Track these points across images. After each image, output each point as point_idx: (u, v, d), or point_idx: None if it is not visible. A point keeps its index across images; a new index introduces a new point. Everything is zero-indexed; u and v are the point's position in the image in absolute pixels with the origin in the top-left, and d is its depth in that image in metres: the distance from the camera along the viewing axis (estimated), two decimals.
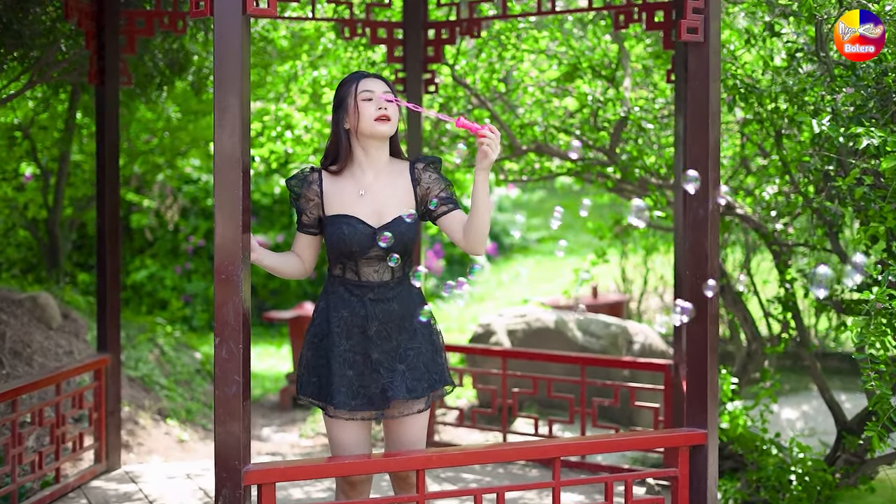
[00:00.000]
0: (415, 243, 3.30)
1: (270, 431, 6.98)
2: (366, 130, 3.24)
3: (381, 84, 3.28)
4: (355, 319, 3.23)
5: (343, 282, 3.28)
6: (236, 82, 2.93)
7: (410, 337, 3.26)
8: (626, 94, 5.39)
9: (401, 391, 3.19)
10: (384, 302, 3.24)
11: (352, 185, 3.29)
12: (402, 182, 3.30)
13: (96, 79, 4.89)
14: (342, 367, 3.21)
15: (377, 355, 3.22)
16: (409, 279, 3.30)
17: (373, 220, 3.24)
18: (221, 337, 2.95)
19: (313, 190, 3.29)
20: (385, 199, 3.26)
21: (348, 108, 3.25)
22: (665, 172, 5.62)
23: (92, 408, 4.93)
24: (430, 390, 3.27)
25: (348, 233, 3.20)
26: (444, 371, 3.32)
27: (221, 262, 2.94)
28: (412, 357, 3.23)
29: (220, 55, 2.93)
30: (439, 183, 3.30)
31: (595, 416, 5.06)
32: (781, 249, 5.48)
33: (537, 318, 6.89)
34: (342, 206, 3.26)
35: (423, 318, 3.24)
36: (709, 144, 3.43)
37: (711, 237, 3.46)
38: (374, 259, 3.24)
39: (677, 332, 4.73)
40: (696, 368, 3.47)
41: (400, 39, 5.30)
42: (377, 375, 3.21)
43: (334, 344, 3.23)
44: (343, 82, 3.32)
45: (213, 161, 2.96)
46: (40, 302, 6.44)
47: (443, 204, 3.28)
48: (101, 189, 4.95)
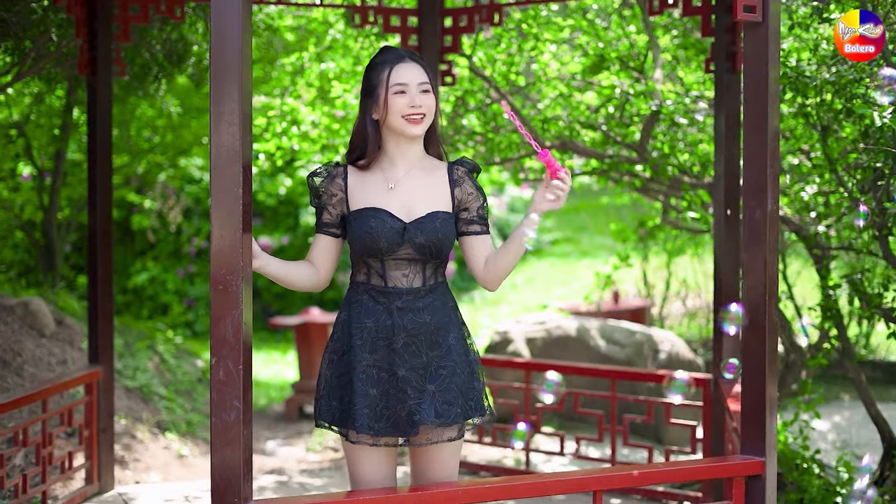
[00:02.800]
0: (450, 247, 2.89)
1: (275, 445, 6.60)
2: (394, 127, 2.85)
3: (419, 72, 2.86)
4: (380, 331, 2.83)
5: (367, 288, 2.87)
6: (235, 66, 2.56)
7: (443, 354, 2.84)
8: (657, 86, 5.01)
9: (429, 415, 2.77)
10: (414, 312, 2.83)
11: (380, 178, 2.89)
12: (438, 180, 2.90)
13: (87, 69, 4.52)
14: (365, 384, 2.80)
15: (404, 372, 2.80)
16: (442, 287, 2.90)
17: (403, 214, 2.85)
18: (218, 356, 2.57)
19: (337, 184, 2.90)
20: (418, 194, 2.87)
21: (378, 98, 2.84)
22: (698, 170, 5.24)
23: (83, 425, 4.56)
24: (464, 418, 2.85)
25: (375, 226, 2.81)
26: (481, 398, 2.90)
27: (218, 270, 2.57)
28: (444, 377, 2.82)
29: (218, 33, 2.56)
30: (478, 198, 2.91)
31: (626, 433, 4.67)
32: (823, 253, 5.10)
33: (558, 326, 6.51)
34: (369, 200, 2.86)
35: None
36: (767, 136, 3.06)
37: (770, 240, 3.08)
38: (404, 261, 2.84)
39: (717, 345, 4.34)
40: (752, 387, 3.09)
41: (414, 28, 4.92)
42: (403, 396, 2.80)
43: (356, 359, 2.83)
44: (374, 64, 2.90)
45: (210, 155, 2.59)
46: (32, 308, 6.08)
47: (477, 223, 2.91)
48: (92, 187, 4.58)
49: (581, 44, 5.45)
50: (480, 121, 5.61)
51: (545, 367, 4.99)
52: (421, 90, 2.84)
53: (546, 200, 2.75)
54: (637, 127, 5.30)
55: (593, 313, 7.63)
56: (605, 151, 5.37)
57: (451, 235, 2.87)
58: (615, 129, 5.30)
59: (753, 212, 3.10)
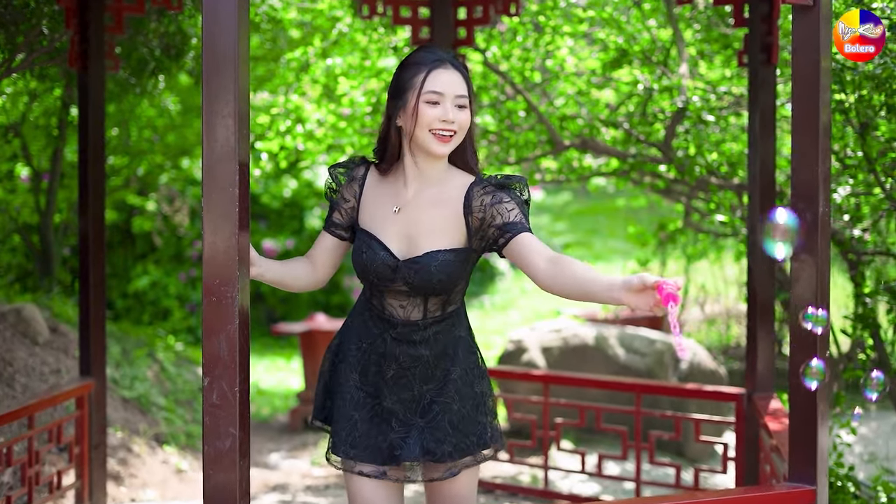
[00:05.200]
0: (452, 287, 2.54)
1: (279, 458, 6.32)
2: (419, 141, 2.51)
3: (459, 83, 2.50)
4: (373, 355, 2.58)
5: (369, 307, 2.62)
6: (230, 51, 2.27)
7: (440, 388, 2.56)
8: (683, 82, 4.72)
9: (413, 451, 2.50)
10: (409, 344, 2.55)
11: (391, 196, 2.58)
12: (451, 206, 2.53)
13: (78, 62, 4.25)
14: (348, 405, 2.57)
15: (390, 404, 2.55)
16: (451, 317, 2.58)
17: (401, 247, 2.53)
18: (211, 376, 2.29)
19: (352, 190, 2.61)
20: (422, 226, 2.52)
21: (406, 104, 2.50)
22: (726, 171, 4.94)
23: (73, 441, 4.28)
24: (462, 455, 2.55)
25: (367, 259, 2.53)
26: (486, 432, 2.60)
27: (211, 280, 2.28)
28: (436, 413, 2.54)
29: (211, 14, 2.27)
30: (497, 208, 2.48)
31: (652, 450, 4.38)
32: (859, 259, 4.81)
33: (574, 334, 6.21)
34: (372, 222, 2.57)
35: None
36: (818, 131, 2.78)
37: (822, 247, 2.79)
38: (402, 293, 2.55)
39: (750, 358, 4.05)
40: (802, 409, 2.81)
41: (426, 19, 4.63)
42: (386, 427, 2.55)
43: (345, 375, 2.60)
44: (409, 63, 2.54)
45: (202, 152, 2.31)
46: (25, 315, 5.80)
47: (499, 235, 2.48)
48: (84, 189, 4.31)
49: (602, 37, 5.15)
50: (495, 118, 5.32)
51: (564, 380, 4.70)
52: (457, 104, 2.49)
53: (639, 307, 2.26)
54: (661, 125, 5.01)
55: (610, 320, 7.32)
56: (627, 151, 5.08)
57: (452, 278, 2.51)
58: (637, 127, 5.01)
59: (803, 216, 2.81)
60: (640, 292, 2.23)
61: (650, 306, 2.23)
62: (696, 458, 5.71)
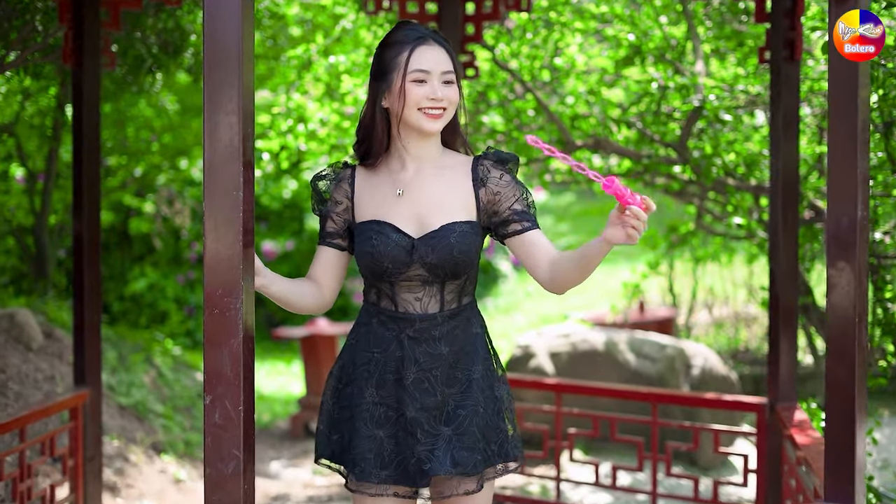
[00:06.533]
0: (471, 265, 2.42)
1: (280, 466, 6.15)
2: (409, 121, 2.39)
3: (444, 58, 2.40)
4: (389, 363, 2.40)
5: (377, 311, 2.44)
6: (234, 45, 2.11)
7: (463, 391, 2.39)
8: (700, 80, 4.55)
9: (443, 465, 2.33)
10: (428, 342, 2.39)
11: (388, 181, 2.44)
12: (459, 180, 2.43)
13: (72, 59, 4.07)
14: (369, 424, 2.38)
15: (413, 413, 2.37)
16: (467, 310, 2.44)
17: (412, 227, 2.40)
18: (214, 394, 2.12)
19: (343, 190, 2.46)
20: (431, 201, 2.40)
21: (391, 85, 2.39)
22: (742, 172, 4.78)
23: (67, 454, 4.11)
24: (486, 465, 2.40)
25: (378, 244, 2.36)
26: (507, 440, 2.44)
27: (214, 290, 2.11)
28: (463, 417, 2.37)
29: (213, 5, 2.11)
30: (513, 189, 2.43)
31: (669, 461, 4.22)
32: (879, 263, 4.65)
33: (584, 339, 6.05)
34: (374, 210, 2.42)
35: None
36: (857, 128, 2.62)
37: (860, 252, 2.63)
38: (416, 282, 2.39)
39: (772, 368, 3.89)
40: (839, 424, 2.65)
41: (434, 14, 4.47)
42: (412, 440, 2.36)
43: (360, 393, 2.41)
44: (390, 42, 2.43)
45: (203, 152, 2.15)
46: (18, 320, 5.63)
47: (516, 220, 2.41)
48: (79, 190, 4.13)
49: (614, 34, 4.98)
50: (503, 117, 5.16)
51: (577, 389, 4.54)
52: (444, 80, 2.39)
53: (620, 237, 2.19)
54: (675, 124, 4.85)
55: (619, 324, 7.16)
56: (640, 151, 4.91)
57: (471, 252, 2.39)
58: (651, 127, 4.84)
59: (839, 220, 2.65)
60: (616, 220, 2.20)
61: (627, 221, 2.18)
62: (706, 466, 5.56)
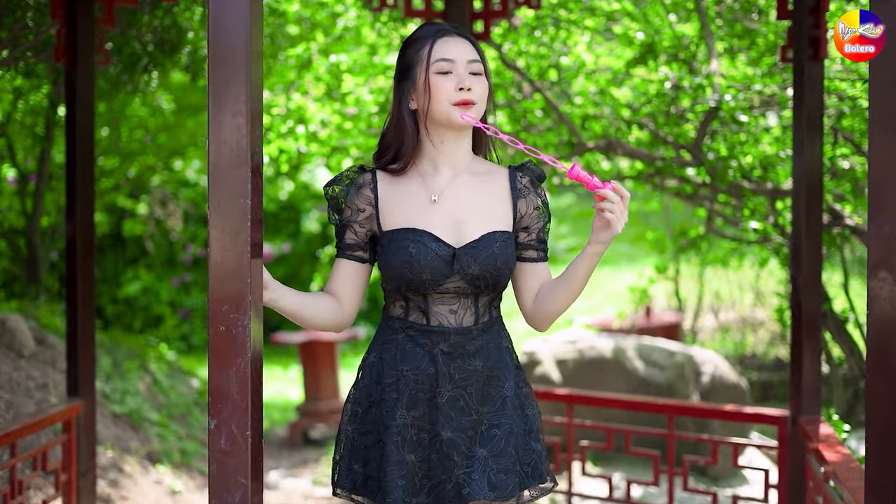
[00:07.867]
0: (510, 277, 2.30)
1: (278, 476, 5.98)
2: (438, 117, 2.24)
3: (467, 48, 2.27)
4: (421, 381, 2.24)
5: (405, 326, 2.28)
6: (241, 41, 1.95)
7: (497, 409, 2.25)
8: (716, 80, 4.40)
9: (481, 488, 2.18)
10: (462, 357, 2.24)
11: (419, 187, 2.28)
12: (496, 189, 2.31)
13: (65, 57, 3.92)
14: (400, 448, 2.21)
15: (450, 433, 2.21)
16: (497, 324, 2.31)
17: (449, 236, 2.24)
18: (219, 418, 1.96)
19: (365, 196, 2.29)
20: (470, 209, 2.26)
21: (416, 80, 2.25)
22: (759, 174, 4.63)
23: (60, 468, 3.94)
24: (522, 488, 2.26)
25: (417, 254, 2.20)
26: (540, 461, 2.31)
27: (219, 305, 1.95)
28: (498, 438, 2.23)
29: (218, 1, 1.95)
30: (542, 216, 2.34)
31: (686, 476, 4.07)
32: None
33: (591, 346, 5.89)
34: (406, 217, 2.25)
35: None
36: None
37: None
38: (452, 294, 2.24)
39: (794, 376, 3.74)
40: (880, 440, 2.49)
41: (440, 11, 4.31)
42: (450, 463, 2.20)
43: (390, 415, 2.23)
44: (410, 40, 2.30)
45: (208, 156, 1.98)
46: (9, 326, 5.46)
47: (535, 247, 2.34)
48: (72, 192, 3.97)
49: (625, 31, 4.82)
50: (510, 118, 5.00)
51: (590, 400, 4.38)
52: (470, 70, 2.24)
53: (601, 229, 2.15)
54: (690, 125, 4.69)
55: (625, 330, 7.01)
56: (653, 153, 4.76)
57: (512, 262, 2.27)
58: (664, 128, 4.69)
59: (881, 227, 2.49)
60: (599, 216, 2.16)
61: (601, 207, 2.13)
62: (717, 477, 5.41)
